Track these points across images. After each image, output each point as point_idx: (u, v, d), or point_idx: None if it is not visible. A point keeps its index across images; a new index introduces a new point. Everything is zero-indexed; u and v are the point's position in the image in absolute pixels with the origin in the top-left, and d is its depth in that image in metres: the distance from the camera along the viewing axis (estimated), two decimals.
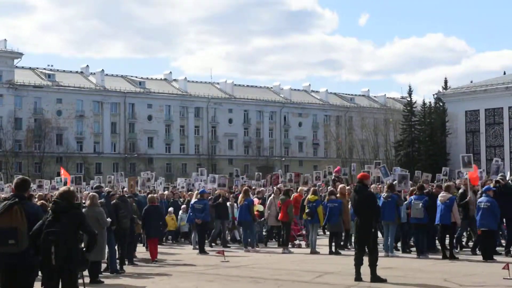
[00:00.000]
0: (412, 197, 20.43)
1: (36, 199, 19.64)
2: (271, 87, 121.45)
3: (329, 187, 27.13)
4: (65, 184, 29.39)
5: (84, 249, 9.43)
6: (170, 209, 26.56)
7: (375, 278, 14.42)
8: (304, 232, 25.06)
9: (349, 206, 20.46)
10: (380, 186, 25.90)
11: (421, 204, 19.75)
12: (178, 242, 27.21)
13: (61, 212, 9.36)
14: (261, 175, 38.24)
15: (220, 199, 24.65)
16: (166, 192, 30.20)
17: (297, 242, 24.37)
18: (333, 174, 35.55)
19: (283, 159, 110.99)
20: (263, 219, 25.43)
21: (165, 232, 25.52)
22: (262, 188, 31.41)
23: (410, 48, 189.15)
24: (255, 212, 23.74)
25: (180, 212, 26.62)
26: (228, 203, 25.25)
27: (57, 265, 9.09)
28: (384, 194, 20.53)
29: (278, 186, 26.89)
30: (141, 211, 20.49)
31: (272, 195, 24.70)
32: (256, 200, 25.19)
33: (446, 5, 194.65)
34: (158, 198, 24.04)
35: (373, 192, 17.20)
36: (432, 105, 77.80)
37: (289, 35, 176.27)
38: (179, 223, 26.66)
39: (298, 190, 26.35)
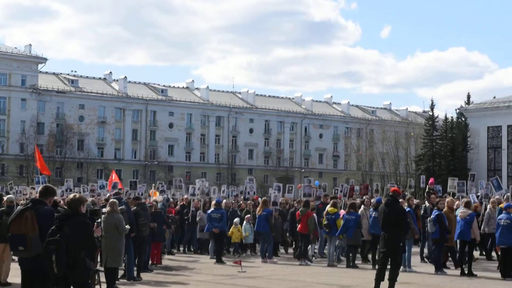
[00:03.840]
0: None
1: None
2: (293, 98, 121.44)
3: (349, 199, 26.95)
4: (111, 187, 29.58)
5: (87, 257, 9.33)
6: (236, 219, 24.82)
7: None
8: None
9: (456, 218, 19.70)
10: (458, 201, 23.61)
11: (432, 218, 19.71)
12: (240, 253, 25.38)
13: (65, 220, 9.29)
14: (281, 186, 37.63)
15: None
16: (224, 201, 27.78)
17: None
18: (428, 186, 34.48)
19: (303, 170, 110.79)
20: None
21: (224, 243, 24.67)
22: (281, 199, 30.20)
23: (432, 62, 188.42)
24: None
25: (244, 222, 25.01)
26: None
27: (60, 273, 9.08)
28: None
29: (366, 197, 26.09)
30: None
31: (363, 206, 22.94)
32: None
33: (469, 19, 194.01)
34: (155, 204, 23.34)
35: (403, 207, 17.01)
36: (454, 119, 77.40)
37: (310, 46, 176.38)
38: (244, 234, 24.98)
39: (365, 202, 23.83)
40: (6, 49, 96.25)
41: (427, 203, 24.51)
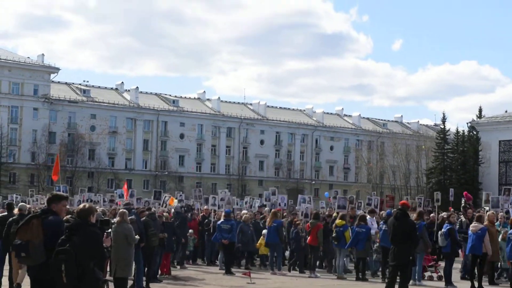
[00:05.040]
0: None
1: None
2: (304, 110, 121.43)
3: (358, 212, 26.82)
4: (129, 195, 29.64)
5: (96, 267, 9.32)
6: (265, 231, 23.76)
7: None
8: (438, 263, 22.34)
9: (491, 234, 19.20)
10: (501, 214, 23.39)
11: (444, 232, 19.64)
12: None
13: (75, 230, 9.30)
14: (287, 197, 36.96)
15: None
16: (244, 211, 27.83)
17: (428, 273, 21.63)
18: (464, 200, 34.01)
19: (313, 182, 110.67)
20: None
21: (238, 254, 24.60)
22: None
23: (443, 75, 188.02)
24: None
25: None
26: None
27: (69, 283, 9.08)
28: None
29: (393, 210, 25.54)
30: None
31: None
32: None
33: (481, 33, 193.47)
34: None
35: (413, 221, 16.92)
36: (466, 133, 77.25)
37: (322, 58, 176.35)
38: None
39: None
40: (19, 58, 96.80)
41: (463, 218, 24.31)
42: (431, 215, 24.78)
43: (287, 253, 24.92)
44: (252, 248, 24.40)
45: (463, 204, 32.17)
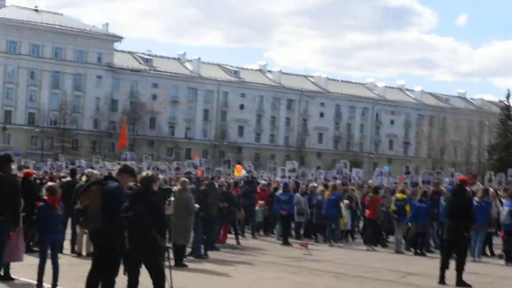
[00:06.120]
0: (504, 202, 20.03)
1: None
2: (365, 83, 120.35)
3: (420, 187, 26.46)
4: (195, 167, 29.68)
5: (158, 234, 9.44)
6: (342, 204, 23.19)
7: (460, 283, 14.14)
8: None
9: None
10: None
11: (507, 210, 19.31)
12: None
13: (137, 197, 9.40)
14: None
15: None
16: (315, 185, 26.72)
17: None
18: None
19: (372, 155, 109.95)
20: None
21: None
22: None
23: (508, 51, 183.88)
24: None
25: (343, 208, 23.48)
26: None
27: (132, 250, 9.24)
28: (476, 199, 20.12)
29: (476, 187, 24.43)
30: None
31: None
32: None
33: None
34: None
35: (470, 196, 16.75)
36: None
37: (385, 32, 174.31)
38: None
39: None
40: (84, 27, 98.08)
41: None
42: None
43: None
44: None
45: None
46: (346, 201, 24.05)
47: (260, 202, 24.85)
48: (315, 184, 26.04)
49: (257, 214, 24.70)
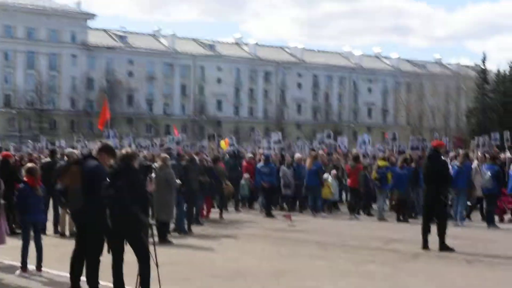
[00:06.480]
0: (483, 166, 20.16)
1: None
2: (342, 52, 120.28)
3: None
4: (178, 143, 29.24)
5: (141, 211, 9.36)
6: (326, 175, 23.07)
7: (443, 247, 14.24)
8: None
9: None
10: None
11: (489, 173, 19.45)
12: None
13: (118, 175, 9.28)
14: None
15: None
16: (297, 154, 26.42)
17: (508, 216, 20.93)
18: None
19: (352, 125, 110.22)
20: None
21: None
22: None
23: (483, 14, 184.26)
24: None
25: (330, 178, 23.30)
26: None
27: (114, 227, 9.20)
28: (456, 163, 20.23)
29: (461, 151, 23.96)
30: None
31: (475, 161, 21.48)
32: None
33: None
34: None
35: (445, 160, 16.84)
36: (507, 73, 75.92)
37: (358, 0, 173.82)
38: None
39: None
40: (56, 5, 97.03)
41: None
42: (502, 155, 23.59)
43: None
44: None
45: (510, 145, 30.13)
46: (333, 171, 24.04)
47: (245, 175, 24.82)
48: (299, 155, 25.87)
49: (243, 187, 24.70)
